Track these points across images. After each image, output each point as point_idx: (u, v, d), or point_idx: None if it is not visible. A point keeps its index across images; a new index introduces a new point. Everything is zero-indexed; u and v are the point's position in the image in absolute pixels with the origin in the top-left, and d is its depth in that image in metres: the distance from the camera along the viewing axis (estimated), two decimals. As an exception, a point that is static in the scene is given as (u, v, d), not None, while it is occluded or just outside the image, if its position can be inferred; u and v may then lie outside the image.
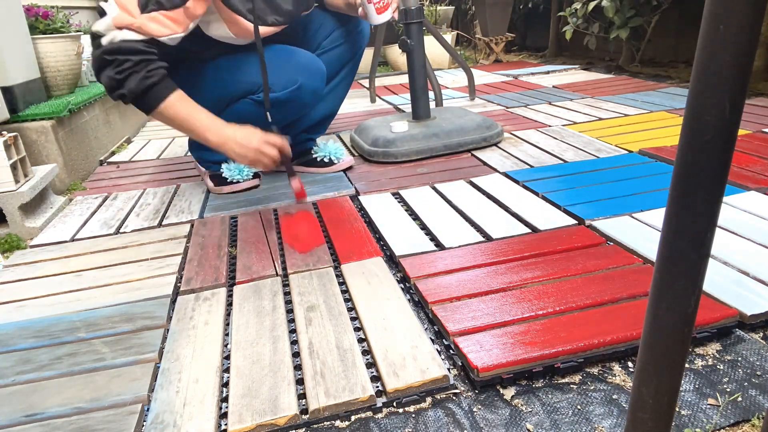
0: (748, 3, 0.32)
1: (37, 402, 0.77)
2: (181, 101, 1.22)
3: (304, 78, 1.40)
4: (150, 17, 1.16)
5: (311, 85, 1.42)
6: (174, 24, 1.19)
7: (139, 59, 1.17)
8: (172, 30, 1.20)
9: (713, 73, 0.34)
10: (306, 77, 1.40)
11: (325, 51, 1.59)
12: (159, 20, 1.17)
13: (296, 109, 1.45)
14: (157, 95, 1.19)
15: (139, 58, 1.17)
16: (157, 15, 1.17)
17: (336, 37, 1.59)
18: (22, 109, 1.72)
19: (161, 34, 1.19)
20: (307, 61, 1.43)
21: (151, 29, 1.17)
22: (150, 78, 1.17)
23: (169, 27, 1.19)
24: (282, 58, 1.39)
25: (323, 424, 0.71)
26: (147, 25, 1.16)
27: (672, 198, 0.38)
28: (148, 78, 1.17)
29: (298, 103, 1.43)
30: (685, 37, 3.11)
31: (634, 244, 1.04)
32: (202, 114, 1.24)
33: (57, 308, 1.02)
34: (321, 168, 1.66)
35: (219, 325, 0.93)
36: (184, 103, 1.22)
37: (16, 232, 1.40)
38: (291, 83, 1.38)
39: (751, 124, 1.79)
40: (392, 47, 3.96)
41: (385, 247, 1.16)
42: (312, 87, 1.43)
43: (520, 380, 0.76)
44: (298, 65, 1.40)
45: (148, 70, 1.17)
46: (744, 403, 0.69)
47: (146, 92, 1.18)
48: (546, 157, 1.64)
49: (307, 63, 1.42)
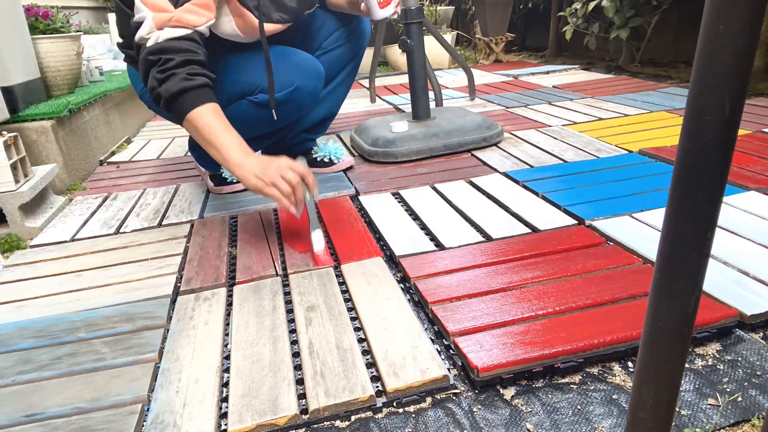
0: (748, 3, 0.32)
1: (37, 402, 0.77)
2: (212, 114, 1.15)
3: (301, 79, 1.39)
4: (185, 9, 1.15)
5: (308, 86, 1.41)
6: (206, 11, 1.18)
7: (183, 59, 1.13)
8: (206, 17, 1.19)
9: (713, 73, 0.34)
10: (303, 79, 1.40)
11: (326, 51, 1.59)
12: (193, 10, 1.16)
13: (294, 110, 1.45)
14: (191, 100, 1.13)
15: (183, 58, 1.13)
16: (189, 5, 1.16)
17: (337, 38, 1.59)
18: (22, 109, 1.72)
19: (198, 23, 1.17)
20: (305, 63, 1.42)
21: (190, 20, 1.15)
22: (189, 81, 1.13)
23: (203, 15, 1.18)
24: (279, 59, 1.39)
25: (323, 424, 0.71)
26: (185, 17, 1.15)
27: (672, 198, 0.38)
28: (187, 80, 1.12)
29: (296, 105, 1.43)
30: (685, 37, 3.11)
31: (634, 244, 1.04)
32: (230, 133, 1.15)
33: (57, 308, 1.02)
34: (321, 168, 1.66)
35: (219, 325, 0.93)
36: (214, 117, 1.15)
37: (16, 232, 1.40)
38: (288, 84, 1.38)
39: (751, 124, 1.79)
40: (392, 47, 3.96)
41: (385, 247, 1.16)
42: (309, 89, 1.42)
43: (520, 380, 0.76)
44: (295, 66, 1.40)
45: (188, 72, 1.13)
46: (744, 403, 0.69)
47: (182, 95, 1.13)
48: (546, 157, 1.64)
49: (305, 64, 1.42)
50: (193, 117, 1.14)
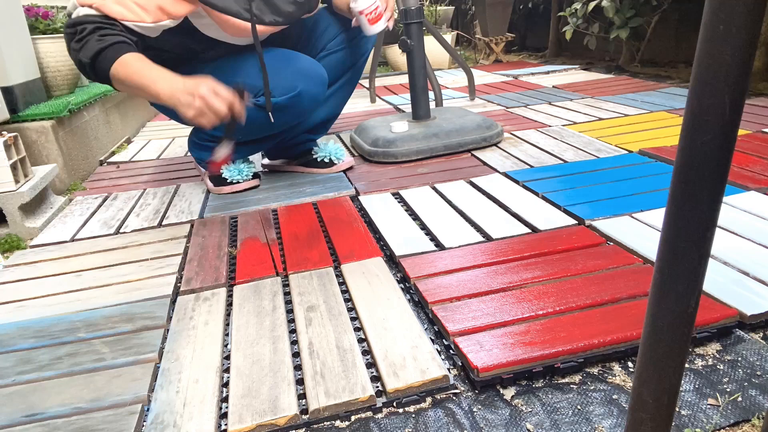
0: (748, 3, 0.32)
1: (37, 402, 0.77)
2: (134, 60, 1.16)
3: (304, 84, 1.39)
4: (116, 0, 1.16)
5: (311, 91, 1.41)
6: (143, 12, 1.18)
7: (94, 26, 1.16)
8: (138, 17, 1.18)
9: (713, 73, 0.34)
10: (305, 83, 1.39)
11: (330, 53, 1.59)
12: (125, 4, 1.17)
13: (295, 114, 1.45)
14: (109, 57, 1.15)
15: (94, 26, 1.16)
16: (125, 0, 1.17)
17: (342, 40, 1.59)
18: (22, 109, 1.72)
19: (125, 17, 1.17)
20: (308, 67, 1.42)
21: (113, 11, 1.16)
22: (101, 42, 1.14)
23: (136, 13, 1.18)
24: (282, 63, 1.39)
25: (323, 424, 0.71)
26: (109, 7, 1.16)
27: (672, 198, 0.38)
28: (100, 41, 1.15)
29: (298, 109, 1.43)
30: (685, 37, 3.11)
31: (634, 244, 1.04)
32: (153, 69, 1.17)
33: (57, 308, 1.02)
34: (321, 168, 1.66)
35: (219, 325, 0.93)
36: (137, 62, 1.16)
37: (16, 232, 1.40)
38: (290, 89, 1.37)
39: (751, 124, 1.79)
40: (392, 47, 3.96)
41: (385, 247, 1.16)
42: (311, 93, 1.42)
43: (520, 380, 0.76)
44: (298, 71, 1.39)
45: (100, 35, 1.15)
46: (744, 403, 0.69)
47: (98, 56, 1.15)
48: (546, 157, 1.64)
49: (308, 69, 1.41)
50: (115, 71, 1.16)
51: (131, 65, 1.16)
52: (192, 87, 1.14)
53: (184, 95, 1.14)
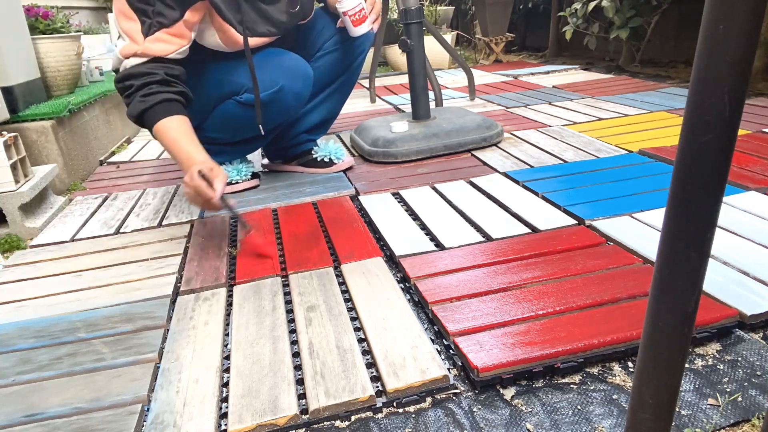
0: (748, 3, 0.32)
1: (37, 402, 0.77)
2: (172, 127, 1.19)
3: (286, 80, 1.38)
4: (154, 39, 1.20)
5: (293, 87, 1.40)
6: (178, 39, 1.23)
7: (140, 83, 1.20)
8: (177, 45, 1.23)
9: (713, 73, 0.34)
10: (288, 80, 1.38)
11: (327, 52, 1.59)
12: (163, 39, 1.21)
13: (279, 111, 1.43)
14: (151, 118, 1.20)
15: (140, 82, 1.20)
16: (160, 35, 1.20)
17: (338, 40, 1.59)
18: (22, 109, 1.72)
19: (167, 52, 1.22)
20: (292, 64, 1.41)
21: (156, 50, 1.21)
22: (144, 103, 1.19)
23: (175, 43, 1.23)
24: (267, 61, 1.38)
25: (323, 424, 0.71)
26: (150, 48, 1.20)
27: (672, 198, 0.38)
28: (142, 102, 1.19)
29: (281, 106, 1.41)
30: (685, 37, 3.11)
31: (634, 244, 1.04)
32: (185, 142, 1.18)
33: (57, 308, 1.02)
34: (321, 168, 1.66)
35: (219, 325, 0.93)
36: (173, 131, 1.19)
37: (16, 232, 1.40)
38: (272, 85, 1.37)
39: (751, 124, 1.79)
40: (392, 47, 3.96)
41: (385, 247, 1.16)
42: (294, 90, 1.40)
43: (520, 380, 0.76)
44: (281, 68, 1.39)
45: (144, 94, 1.19)
46: (744, 403, 0.69)
47: (141, 115, 1.20)
48: (546, 157, 1.64)
49: (291, 66, 1.40)
50: (156, 133, 1.22)
51: (168, 134, 1.20)
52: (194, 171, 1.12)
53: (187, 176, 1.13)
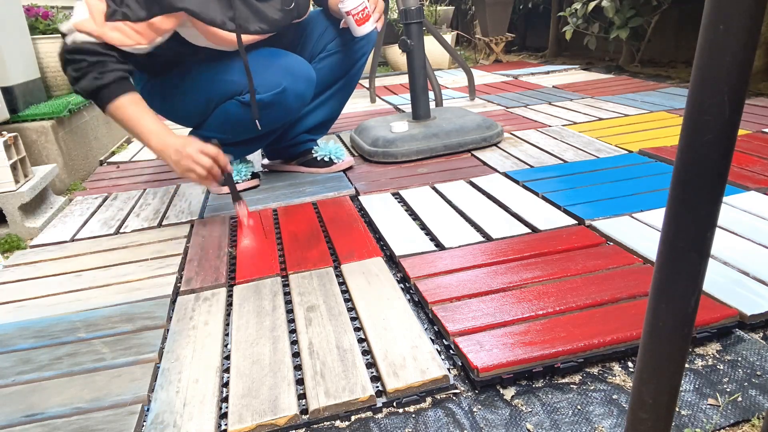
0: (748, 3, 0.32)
1: (37, 402, 0.77)
2: (131, 104, 1.22)
3: (289, 81, 1.38)
4: (113, 26, 1.19)
5: (296, 89, 1.40)
6: (138, 36, 1.22)
7: (95, 60, 1.20)
8: (135, 41, 1.22)
9: (713, 73, 0.34)
10: (291, 81, 1.38)
11: (329, 54, 1.59)
12: (122, 30, 1.20)
13: (281, 112, 1.43)
14: (106, 95, 1.21)
15: (95, 59, 1.20)
16: (121, 25, 1.19)
17: (340, 42, 1.59)
18: (22, 109, 1.72)
19: (123, 43, 1.21)
20: (294, 65, 1.41)
21: (112, 38, 1.20)
22: (100, 80, 1.19)
23: (133, 38, 1.21)
24: (268, 61, 1.38)
25: (323, 424, 0.71)
26: (107, 34, 1.19)
27: (672, 198, 0.38)
28: (98, 79, 1.19)
29: (283, 107, 1.41)
30: (685, 37, 3.11)
31: (634, 244, 1.04)
32: (149, 119, 1.23)
33: (57, 308, 1.02)
34: (321, 168, 1.66)
35: (219, 325, 0.93)
36: (133, 107, 1.23)
37: (16, 232, 1.40)
38: (275, 86, 1.36)
39: (751, 124, 1.79)
40: (392, 47, 3.96)
41: (385, 247, 1.16)
42: (297, 91, 1.40)
43: (520, 380, 0.76)
44: (284, 69, 1.39)
45: (99, 71, 1.19)
46: (744, 403, 0.69)
47: (97, 93, 1.21)
48: (546, 157, 1.64)
49: (294, 67, 1.40)
50: (111, 110, 1.23)
51: (127, 110, 1.22)
52: (181, 146, 1.21)
53: (174, 153, 1.21)
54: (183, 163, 1.20)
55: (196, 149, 1.20)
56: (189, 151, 1.20)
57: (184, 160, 1.20)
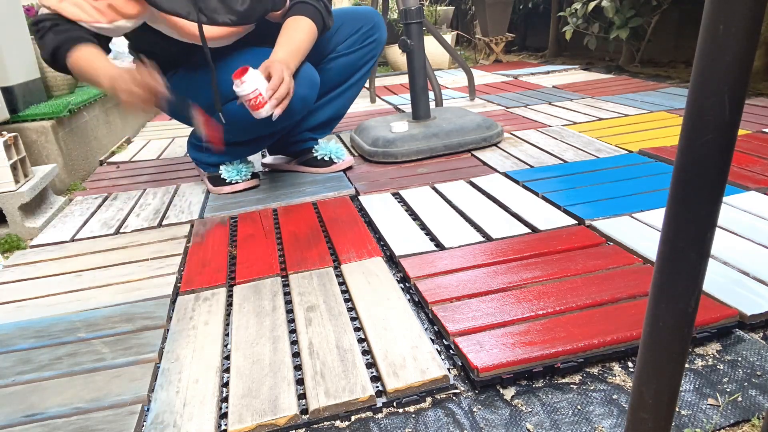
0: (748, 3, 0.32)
1: (37, 402, 0.77)
2: (85, 52, 1.23)
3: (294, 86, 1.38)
4: (73, 2, 1.22)
5: (300, 92, 1.39)
6: (97, 13, 1.23)
7: (53, 23, 1.22)
8: (92, 18, 1.23)
9: (713, 73, 0.34)
10: (295, 84, 1.37)
11: (340, 55, 1.59)
12: (80, 5, 1.22)
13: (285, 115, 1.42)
14: (65, 49, 1.22)
15: (53, 22, 1.22)
16: (80, 1, 1.22)
17: (352, 43, 1.59)
18: (22, 109, 1.72)
19: (80, 18, 1.23)
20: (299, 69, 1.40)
21: (70, 12, 1.22)
22: (58, 35, 1.21)
23: (90, 14, 1.23)
24: None
25: (323, 424, 0.71)
26: (65, 9, 1.22)
27: (672, 198, 0.38)
28: (56, 35, 1.21)
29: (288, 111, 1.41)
30: (685, 37, 3.11)
31: (634, 244, 1.04)
32: (99, 61, 1.23)
33: (57, 308, 1.02)
34: (321, 168, 1.66)
35: (219, 325, 0.93)
36: (87, 54, 1.23)
37: (16, 232, 1.40)
38: None
39: (751, 124, 1.79)
40: (392, 47, 3.96)
41: (385, 247, 1.16)
42: (300, 94, 1.39)
43: (520, 380, 0.76)
44: None
45: (56, 31, 1.21)
46: (744, 403, 0.69)
47: (57, 49, 1.22)
48: (546, 157, 1.64)
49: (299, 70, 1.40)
50: (70, 64, 1.23)
51: (82, 57, 1.23)
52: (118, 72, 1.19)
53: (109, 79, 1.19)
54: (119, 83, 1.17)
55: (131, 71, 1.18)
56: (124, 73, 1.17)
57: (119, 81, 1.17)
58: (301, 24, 1.39)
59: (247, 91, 1.24)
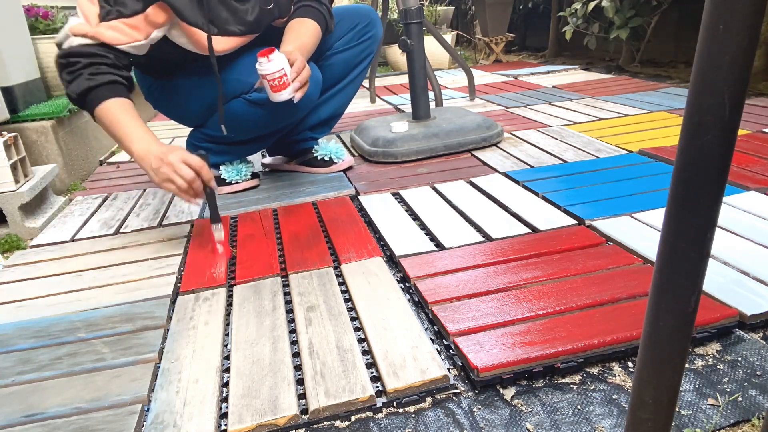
0: (748, 3, 0.32)
1: (37, 402, 0.77)
2: (118, 108, 1.18)
3: None
4: (108, 26, 1.17)
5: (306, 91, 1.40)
6: (134, 31, 1.20)
7: (88, 62, 1.17)
8: (131, 38, 1.20)
9: (713, 73, 0.34)
10: None
11: (336, 52, 1.59)
12: (118, 28, 1.18)
13: (289, 114, 1.44)
14: (96, 97, 1.17)
15: (88, 61, 1.17)
16: (116, 23, 1.18)
17: (348, 40, 1.59)
18: (22, 109, 1.72)
19: (119, 42, 1.19)
20: None
21: (108, 37, 1.17)
22: (91, 81, 1.16)
23: (129, 35, 1.19)
24: None
25: (323, 424, 0.71)
26: (103, 34, 1.17)
27: (672, 198, 0.38)
28: (89, 80, 1.16)
29: (291, 109, 1.41)
30: (685, 37, 3.11)
31: (634, 244, 1.04)
32: (135, 124, 1.18)
33: (57, 308, 1.02)
34: (321, 168, 1.66)
35: (219, 325, 0.93)
36: (120, 111, 1.18)
37: (16, 232, 1.40)
38: None
39: (751, 124, 1.79)
40: (392, 47, 3.96)
41: (385, 247, 1.16)
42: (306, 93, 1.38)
43: (520, 380, 0.76)
44: None
45: (92, 72, 1.17)
46: (744, 403, 0.69)
47: (87, 94, 1.17)
48: (546, 157, 1.64)
49: None
50: (98, 113, 1.18)
51: (114, 113, 1.18)
52: (163, 153, 1.13)
53: (155, 160, 1.13)
54: (162, 171, 1.11)
55: (178, 158, 1.11)
56: (171, 159, 1.11)
57: (164, 168, 1.11)
58: (306, 24, 1.40)
59: (273, 69, 1.22)
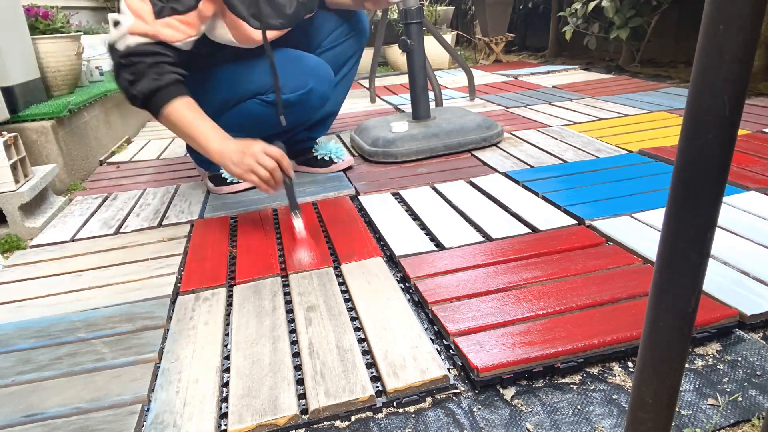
0: (748, 3, 0.32)
1: (37, 402, 0.77)
2: (187, 107, 1.19)
3: (315, 82, 1.41)
4: (164, 23, 1.16)
5: (320, 89, 1.43)
6: (188, 27, 1.20)
7: (152, 61, 1.16)
8: (186, 34, 1.20)
9: (713, 73, 0.34)
10: (316, 81, 1.41)
11: (325, 50, 1.60)
12: (173, 25, 1.18)
13: (304, 112, 1.46)
14: (163, 97, 1.17)
15: (152, 60, 1.16)
16: (171, 20, 1.17)
17: (337, 36, 1.60)
18: (22, 109, 1.72)
19: (175, 39, 1.19)
20: (317, 65, 1.44)
21: (166, 35, 1.17)
22: (158, 80, 1.16)
23: (183, 31, 1.19)
24: (292, 62, 1.40)
25: (323, 424, 0.71)
26: (161, 32, 1.16)
27: (672, 198, 0.38)
28: (156, 80, 1.16)
29: (307, 107, 1.44)
30: (685, 37, 3.11)
31: (634, 244, 1.04)
32: (208, 123, 1.20)
33: (57, 308, 1.02)
34: (321, 168, 1.66)
35: (219, 325, 0.93)
36: (189, 110, 1.20)
37: (16, 232, 1.40)
38: (302, 86, 1.39)
39: (751, 124, 1.79)
40: (392, 47, 3.96)
41: (385, 247, 1.16)
42: (321, 91, 1.44)
43: (520, 380, 0.76)
44: (308, 69, 1.41)
45: (157, 72, 1.16)
46: (744, 403, 0.69)
47: (154, 94, 1.17)
48: (546, 157, 1.64)
49: (317, 67, 1.43)
50: (167, 112, 1.18)
51: (184, 113, 1.19)
52: (244, 146, 1.16)
53: (236, 153, 1.16)
54: (246, 162, 1.15)
55: (260, 149, 1.16)
56: (253, 150, 1.16)
57: (248, 159, 1.15)
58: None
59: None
